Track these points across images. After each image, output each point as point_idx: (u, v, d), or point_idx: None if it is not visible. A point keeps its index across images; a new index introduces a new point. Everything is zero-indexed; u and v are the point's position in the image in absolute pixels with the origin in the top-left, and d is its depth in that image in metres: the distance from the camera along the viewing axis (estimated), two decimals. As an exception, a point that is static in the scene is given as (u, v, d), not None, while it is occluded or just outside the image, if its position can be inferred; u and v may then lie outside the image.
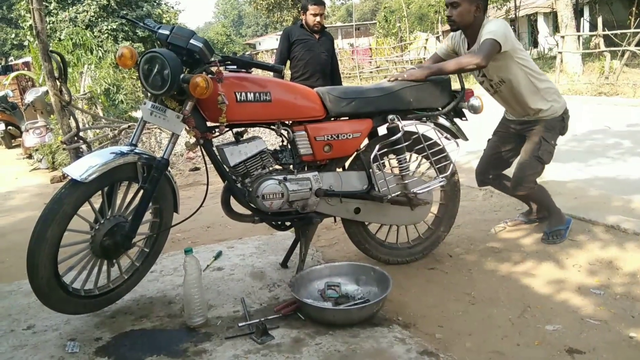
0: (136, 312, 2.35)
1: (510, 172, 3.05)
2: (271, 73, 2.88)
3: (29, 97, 9.33)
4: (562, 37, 12.28)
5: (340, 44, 32.31)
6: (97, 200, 2.17)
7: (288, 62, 4.42)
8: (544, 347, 1.99)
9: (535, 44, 20.74)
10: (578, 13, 16.15)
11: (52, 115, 8.12)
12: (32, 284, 2.03)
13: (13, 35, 23.54)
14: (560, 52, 11.97)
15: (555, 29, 16.67)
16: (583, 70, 12.25)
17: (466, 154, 5.03)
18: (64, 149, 6.29)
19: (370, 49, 24.87)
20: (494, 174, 3.12)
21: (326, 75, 4.42)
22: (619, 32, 11.25)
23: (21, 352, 2.06)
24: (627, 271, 2.55)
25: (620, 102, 9.04)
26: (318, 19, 4.25)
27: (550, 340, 2.03)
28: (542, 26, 21.72)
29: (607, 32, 11.11)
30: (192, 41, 2.10)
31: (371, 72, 21.21)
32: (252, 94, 2.27)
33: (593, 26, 16.32)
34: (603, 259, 2.69)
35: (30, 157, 8.53)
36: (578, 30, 14.09)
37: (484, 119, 3.12)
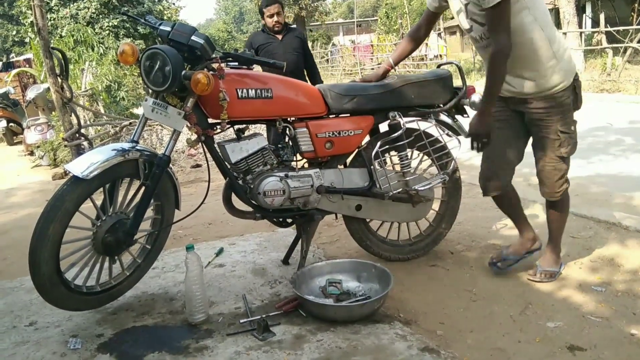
0: (138, 309, 2.35)
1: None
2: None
3: (31, 94, 9.32)
4: (564, 33, 12.25)
5: (341, 40, 32.27)
6: (98, 197, 2.17)
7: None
8: (545, 343, 1.99)
9: (537, 40, 20.62)
10: (580, 9, 16.10)
11: (53, 112, 8.12)
12: (34, 281, 2.03)
13: (14, 32, 23.54)
14: (562, 49, 11.92)
15: (557, 25, 16.62)
16: (585, 67, 12.23)
17: (468, 151, 5.02)
18: (65, 146, 6.29)
19: (372, 45, 24.82)
20: (505, 179, 2.49)
21: (298, 75, 4.18)
22: (621, 28, 11.24)
23: (23, 348, 2.07)
24: (628, 268, 2.55)
25: (622, 99, 9.03)
26: (275, 18, 4.14)
27: (552, 337, 2.03)
28: (544, 23, 21.62)
29: (609, 29, 11.09)
30: (193, 38, 2.10)
31: (372, 68, 21.17)
32: (253, 91, 2.27)
33: (595, 23, 16.28)
34: (604, 256, 2.69)
35: (31, 154, 8.53)
36: (580, 26, 14.06)
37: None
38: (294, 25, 4.41)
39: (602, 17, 11.69)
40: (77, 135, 5.23)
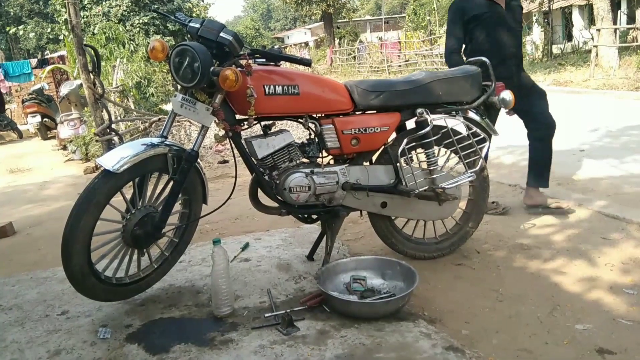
0: (165, 301, 2.40)
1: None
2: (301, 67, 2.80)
3: (64, 89, 9.57)
4: (598, 30, 11.96)
5: (368, 37, 32.12)
6: (128, 191, 2.21)
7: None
8: (573, 346, 1.95)
9: (569, 37, 20.21)
10: (615, 5, 15.65)
11: (85, 108, 8.33)
12: (67, 271, 2.08)
13: (49, 30, 24.15)
14: (595, 46, 11.65)
15: (591, 21, 16.22)
16: (619, 65, 11.91)
17: (496, 149, 4.96)
18: (96, 141, 6.45)
19: (400, 42, 24.63)
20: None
21: (520, 58, 3.22)
22: (658, 24, 10.89)
23: (55, 336, 2.13)
24: (662, 271, 2.48)
25: (659, 97, 8.74)
26: None
27: (580, 340, 1.99)
28: (577, 19, 21.14)
29: (645, 25, 10.74)
30: (222, 34, 2.12)
31: (400, 65, 21.02)
32: (280, 87, 2.28)
33: (631, 19, 15.82)
34: (637, 257, 2.62)
35: (64, 148, 8.77)
36: (615, 23, 13.68)
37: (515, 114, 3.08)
38: None
39: (638, 13, 11.34)
40: (108, 130, 5.35)
